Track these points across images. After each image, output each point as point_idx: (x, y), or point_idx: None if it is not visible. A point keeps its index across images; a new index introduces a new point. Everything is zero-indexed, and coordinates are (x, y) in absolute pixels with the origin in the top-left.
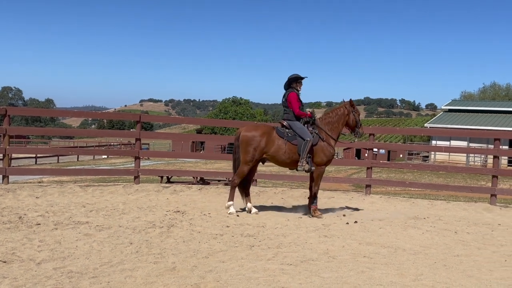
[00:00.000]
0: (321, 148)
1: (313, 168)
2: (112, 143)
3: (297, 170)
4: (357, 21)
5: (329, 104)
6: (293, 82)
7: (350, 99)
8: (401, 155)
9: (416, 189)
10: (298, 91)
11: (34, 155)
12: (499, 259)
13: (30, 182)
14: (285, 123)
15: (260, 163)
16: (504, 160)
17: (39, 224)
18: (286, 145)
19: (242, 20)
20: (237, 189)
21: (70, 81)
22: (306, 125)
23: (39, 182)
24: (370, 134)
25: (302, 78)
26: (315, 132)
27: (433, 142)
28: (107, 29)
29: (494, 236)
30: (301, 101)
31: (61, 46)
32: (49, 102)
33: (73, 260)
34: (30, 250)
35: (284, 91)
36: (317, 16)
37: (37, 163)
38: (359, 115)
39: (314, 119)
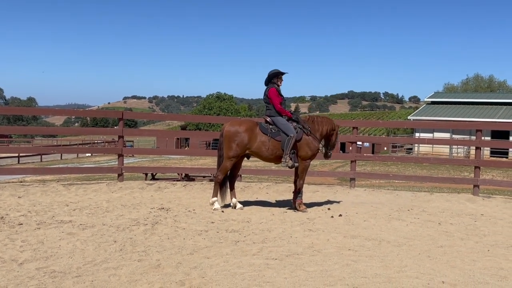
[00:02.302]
0: (306, 143)
1: (296, 164)
2: (96, 141)
3: (281, 165)
4: (339, 15)
5: (313, 98)
6: (274, 78)
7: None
8: (385, 148)
9: (400, 181)
10: (278, 86)
11: (16, 155)
12: (482, 249)
13: (12, 182)
14: (268, 119)
15: (245, 158)
16: (486, 151)
17: (22, 224)
18: (269, 141)
19: (224, 16)
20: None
21: (52, 79)
22: (289, 120)
23: (21, 182)
24: (354, 128)
25: (283, 74)
26: (298, 127)
27: (417, 134)
28: (88, 26)
29: (477, 227)
30: (282, 96)
31: (42, 44)
32: (31, 100)
33: (56, 260)
34: (12, 250)
35: (265, 87)
36: (300, 11)
37: (20, 162)
38: (337, 137)
39: (297, 118)
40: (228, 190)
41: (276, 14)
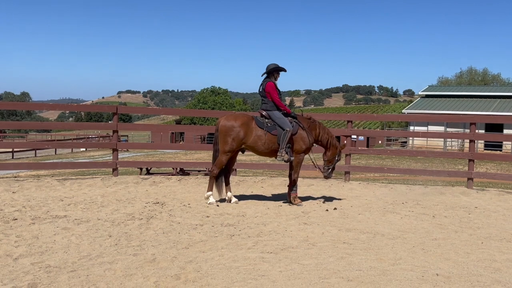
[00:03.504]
0: (301, 137)
1: (292, 158)
2: (90, 136)
3: (276, 159)
4: (334, 10)
5: (307, 92)
6: (275, 72)
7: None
8: (379, 142)
9: (395, 175)
10: (275, 80)
11: (10, 150)
12: (476, 242)
13: (6, 177)
14: (264, 113)
15: (240, 153)
16: (480, 144)
17: (16, 219)
18: (265, 135)
19: (219, 10)
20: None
21: (45, 74)
22: (286, 115)
23: (15, 177)
24: (348, 121)
25: (282, 70)
26: (294, 121)
27: (411, 127)
28: (82, 20)
29: (471, 219)
30: (279, 90)
31: (36, 39)
32: (25, 95)
33: (51, 255)
34: (7, 245)
35: (261, 80)
36: (294, 6)
37: (14, 157)
38: (337, 154)
39: (294, 115)
40: (224, 184)
41: (270, 9)
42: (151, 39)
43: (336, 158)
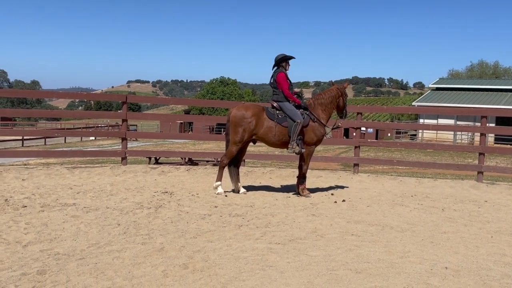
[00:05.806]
0: (312, 128)
1: (303, 150)
2: (99, 125)
3: (287, 151)
4: (344, 1)
5: (317, 83)
6: (282, 62)
7: (347, 84)
8: (389, 134)
9: (404, 168)
10: (286, 70)
11: (20, 137)
12: (485, 236)
13: (16, 165)
14: (275, 104)
15: (251, 143)
16: (490, 138)
17: (26, 206)
18: (276, 127)
19: (229, 0)
20: (226, 169)
21: (56, 63)
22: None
23: (25, 165)
24: (358, 113)
25: (290, 58)
26: (305, 113)
27: (421, 120)
28: (92, 10)
29: (480, 213)
30: (290, 81)
31: (46, 27)
32: (35, 83)
33: (60, 242)
34: (17, 232)
35: (272, 71)
36: None
37: (24, 145)
38: (347, 96)
39: (305, 105)
40: (236, 174)
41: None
42: (161, 29)
43: (344, 101)
